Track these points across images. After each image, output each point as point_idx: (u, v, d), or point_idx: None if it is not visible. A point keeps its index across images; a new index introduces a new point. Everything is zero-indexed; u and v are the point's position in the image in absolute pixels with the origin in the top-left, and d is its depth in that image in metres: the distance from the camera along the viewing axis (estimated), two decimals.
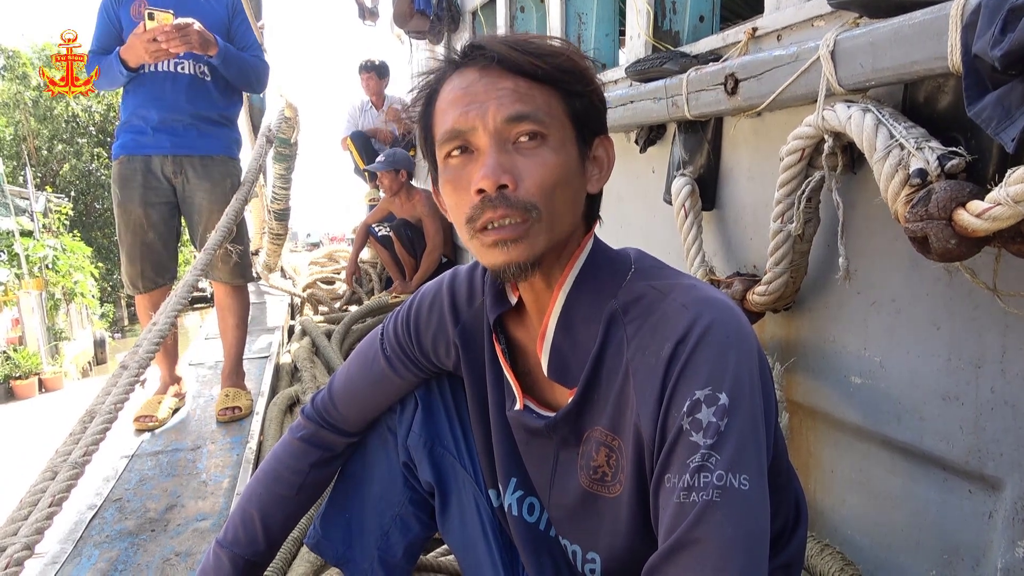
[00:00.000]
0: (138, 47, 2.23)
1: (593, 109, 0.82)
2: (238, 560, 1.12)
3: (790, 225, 1.30)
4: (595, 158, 0.85)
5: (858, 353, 1.33)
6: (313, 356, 3.20)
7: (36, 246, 13.14)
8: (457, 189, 0.79)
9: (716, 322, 0.74)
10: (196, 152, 2.44)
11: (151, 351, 1.50)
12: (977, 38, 0.85)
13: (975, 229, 0.89)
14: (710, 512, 0.67)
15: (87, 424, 1.27)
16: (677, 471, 0.70)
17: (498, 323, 0.93)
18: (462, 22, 3.96)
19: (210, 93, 2.45)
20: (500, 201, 0.75)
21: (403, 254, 4.34)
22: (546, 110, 0.77)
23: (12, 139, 18.89)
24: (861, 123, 1.08)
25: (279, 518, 1.14)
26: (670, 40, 1.99)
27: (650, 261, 0.88)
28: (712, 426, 0.70)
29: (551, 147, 0.77)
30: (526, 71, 0.77)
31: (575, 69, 0.79)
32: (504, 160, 0.75)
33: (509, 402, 0.94)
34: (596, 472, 0.85)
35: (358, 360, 1.11)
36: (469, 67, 0.79)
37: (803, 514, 0.94)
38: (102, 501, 1.93)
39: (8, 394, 11.07)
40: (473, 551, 1.06)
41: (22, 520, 1.05)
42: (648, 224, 2.09)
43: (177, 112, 2.40)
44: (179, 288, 1.79)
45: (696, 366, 0.72)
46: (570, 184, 0.79)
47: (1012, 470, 1.07)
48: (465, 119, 0.76)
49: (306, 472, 1.13)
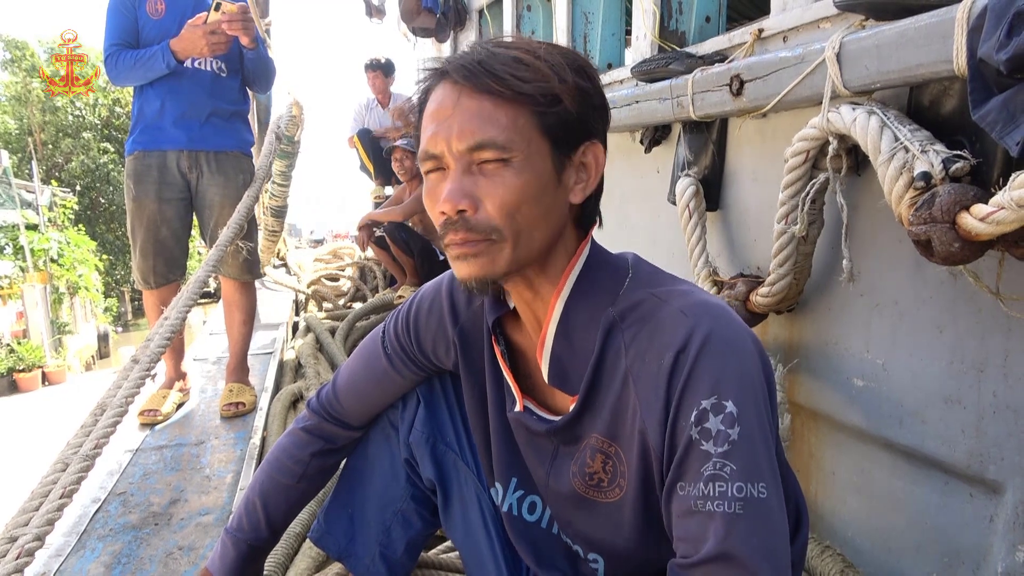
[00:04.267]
0: (197, 39, 2.25)
1: (572, 119, 0.79)
2: (241, 545, 1.17)
3: (794, 227, 1.30)
4: (582, 164, 0.83)
5: (860, 355, 1.33)
6: (317, 353, 3.21)
7: (41, 239, 13.19)
8: (431, 204, 0.81)
9: (715, 330, 0.75)
10: (211, 147, 2.45)
11: (163, 345, 1.51)
12: (983, 42, 0.85)
13: (979, 233, 0.89)
14: (735, 525, 0.69)
15: (98, 417, 1.28)
16: (691, 480, 0.72)
17: (497, 325, 0.94)
18: (468, 20, 3.96)
19: (226, 89, 2.47)
20: (460, 225, 0.77)
21: (400, 254, 4.35)
22: (510, 131, 0.76)
23: (18, 133, 18.96)
24: (866, 125, 1.08)
25: (281, 506, 1.18)
26: (676, 40, 1.99)
27: (647, 267, 0.88)
28: (721, 434, 0.71)
29: (514, 168, 0.77)
30: (491, 91, 0.76)
31: (544, 87, 0.76)
32: (467, 183, 0.77)
33: (509, 403, 0.95)
34: (591, 478, 0.86)
35: (361, 356, 1.12)
36: (445, 82, 0.80)
37: (804, 517, 0.95)
38: (106, 495, 1.94)
39: (11, 387, 11.12)
40: (476, 547, 1.07)
41: (33, 511, 1.07)
42: (652, 224, 2.09)
43: (197, 108, 2.41)
44: (191, 284, 1.78)
45: (699, 376, 0.73)
46: (539, 201, 0.79)
47: (1013, 474, 1.07)
48: (435, 142, 0.78)
49: (307, 462, 1.15)
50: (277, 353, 3.31)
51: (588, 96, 0.81)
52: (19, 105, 19.16)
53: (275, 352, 3.32)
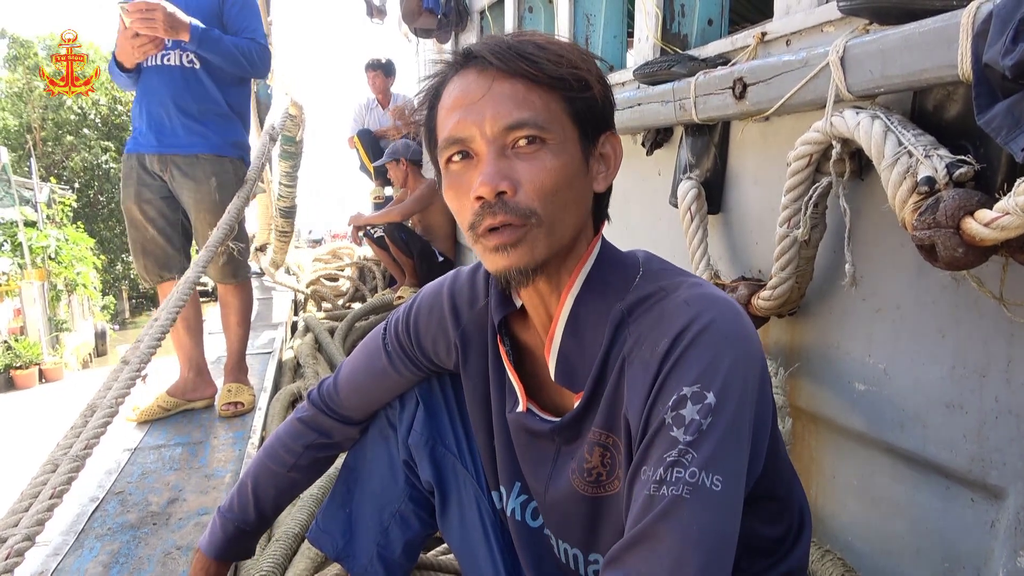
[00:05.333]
0: (124, 46, 2.22)
1: (597, 107, 0.81)
2: (229, 526, 1.20)
3: (796, 230, 1.30)
4: (602, 155, 0.84)
5: (862, 359, 1.33)
6: (316, 352, 3.21)
7: (39, 236, 13.17)
8: (459, 195, 0.79)
9: (716, 321, 0.74)
10: (181, 151, 2.37)
11: (153, 346, 1.51)
12: (988, 47, 0.85)
13: (983, 238, 0.89)
14: (676, 508, 0.67)
15: (88, 418, 1.28)
16: (653, 464, 0.70)
17: (502, 325, 0.93)
18: (470, 21, 3.96)
19: (201, 83, 2.36)
20: (499, 208, 0.75)
21: (399, 255, 4.35)
22: (545, 113, 0.76)
23: (18, 130, 18.93)
24: (869, 130, 1.08)
25: (270, 492, 1.19)
26: (678, 43, 1.99)
27: (658, 263, 0.87)
28: (694, 423, 0.69)
29: (551, 150, 0.76)
30: (524, 75, 0.76)
31: (576, 73, 0.78)
32: (503, 166, 0.75)
33: (511, 404, 0.94)
34: (590, 474, 0.85)
35: (363, 353, 1.12)
36: (469, 69, 0.79)
37: (807, 523, 0.94)
38: (104, 493, 1.94)
39: (8, 384, 11.10)
40: (473, 551, 1.06)
41: (23, 511, 1.07)
42: (654, 227, 2.09)
43: (162, 107, 2.34)
44: (180, 285, 1.76)
45: (689, 362, 0.72)
46: (572, 186, 0.78)
47: (1015, 479, 1.07)
48: (464, 126, 0.76)
49: (300, 452, 1.16)
50: (276, 353, 3.31)
51: (607, 87, 0.83)
52: (19, 102, 19.14)
53: (274, 352, 3.32)
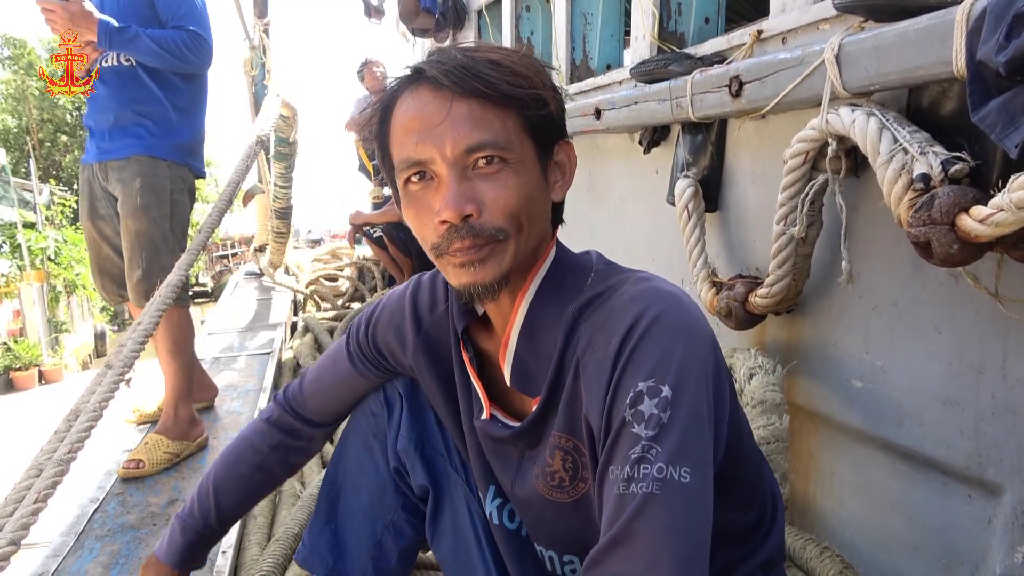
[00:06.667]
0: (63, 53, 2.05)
1: (553, 120, 0.81)
2: (189, 532, 1.16)
3: (793, 228, 1.31)
4: (557, 163, 0.84)
5: (859, 356, 1.33)
6: (315, 353, 3.21)
7: (38, 238, 13.14)
8: (420, 215, 0.78)
9: (663, 314, 0.74)
10: (115, 155, 2.16)
11: (136, 350, 1.49)
12: (982, 44, 0.85)
13: (978, 234, 0.89)
14: (648, 505, 0.67)
15: (72, 422, 1.28)
16: (619, 463, 0.70)
17: (465, 332, 0.93)
18: (467, 21, 3.96)
19: (140, 82, 2.15)
20: (467, 231, 0.75)
21: (398, 255, 4.34)
22: (503, 133, 0.76)
23: (16, 131, 18.91)
24: (865, 127, 1.08)
25: (233, 495, 1.16)
26: (675, 41, 1.99)
27: (606, 262, 0.88)
28: (654, 418, 0.70)
29: (512, 169, 0.76)
30: (480, 95, 0.75)
31: (532, 92, 0.77)
32: (465, 188, 0.75)
33: (476, 410, 0.94)
34: (552, 478, 0.85)
35: (330, 356, 1.13)
36: (422, 87, 0.77)
37: (779, 509, 0.94)
38: (104, 495, 1.94)
39: (8, 385, 11.09)
40: (464, 554, 1.05)
41: (8, 516, 1.07)
42: (651, 225, 2.09)
43: (103, 112, 2.16)
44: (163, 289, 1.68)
45: (640, 358, 0.72)
46: (534, 200, 0.79)
47: (1012, 476, 1.07)
48: (423, 149, 0.75)
49: (265, 454, 1.15)
50: (275, 353, 3.31)
51: (559, 97, 0.83)
52: (17, 103, 19.11)
53: (273, 352, 3.32)
